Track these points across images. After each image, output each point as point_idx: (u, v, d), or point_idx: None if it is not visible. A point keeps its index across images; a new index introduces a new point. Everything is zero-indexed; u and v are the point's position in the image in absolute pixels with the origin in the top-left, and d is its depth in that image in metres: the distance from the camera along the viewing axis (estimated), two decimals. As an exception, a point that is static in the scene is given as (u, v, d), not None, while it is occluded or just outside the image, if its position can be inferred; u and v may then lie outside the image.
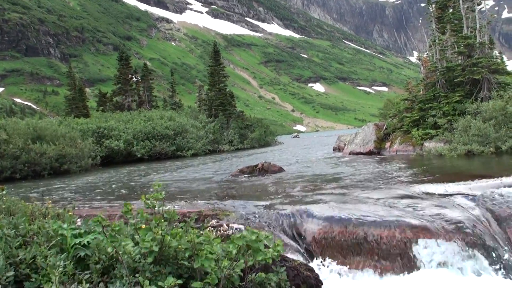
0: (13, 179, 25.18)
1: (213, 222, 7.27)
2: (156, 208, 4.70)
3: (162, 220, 4.35)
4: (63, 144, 28.68)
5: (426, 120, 20.61)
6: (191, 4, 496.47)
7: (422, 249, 6.29)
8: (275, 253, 4.36)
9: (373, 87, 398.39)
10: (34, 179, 25.12)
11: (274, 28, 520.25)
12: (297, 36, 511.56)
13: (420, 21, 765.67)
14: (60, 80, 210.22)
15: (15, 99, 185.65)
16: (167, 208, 4.85)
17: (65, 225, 4.51)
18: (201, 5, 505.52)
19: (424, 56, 25.76)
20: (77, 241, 4.24)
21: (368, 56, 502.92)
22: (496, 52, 25.78)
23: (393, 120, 24.24)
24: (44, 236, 4.45)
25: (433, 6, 26.75)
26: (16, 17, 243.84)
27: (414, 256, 6.24)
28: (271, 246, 4.39)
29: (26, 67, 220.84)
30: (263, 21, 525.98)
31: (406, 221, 6.80)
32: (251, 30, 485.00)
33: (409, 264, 6.18)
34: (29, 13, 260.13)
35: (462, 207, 7.66)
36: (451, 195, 8.50)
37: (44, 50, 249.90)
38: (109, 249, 4.10)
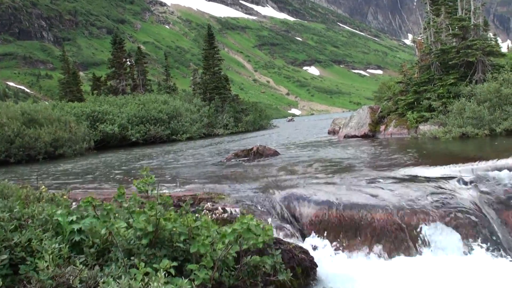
0: (7, 163, 25.13)
1: (208, 205, 7.29)
2: (149, 192, 4.70)
3: (157, 204, 4.35)
4: (57, 128, 28.59)
5: (421, 103, 20.60)
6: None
7: (416, 232, 6.34)
8: (266, 237, 4.39)
9: (368, 70, 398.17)
10: (28, 163, 25.07)
11: (269, 11, 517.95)
12: (291, 19, 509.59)
13: (415, 3, 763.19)
14: (53, 64, 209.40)
15: (8, 83, 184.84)
16: (161, 192, 4.85)
17: (59, 211, 4.51)
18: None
19: (419, 38, 25.67)
20: (73, 226, 4.25)
21: (363, 39, 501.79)
22: (490, 34, 25.72)
23: (387, 103, 24.22)
24: (39, 220, 4.46)
25: (428, -12, 26.62)
26: (8, 0, 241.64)
27: (409, 239, 6.29)
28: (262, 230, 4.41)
29: (19, 51, 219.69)
30: (257, 3, 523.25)
31: (401, 204, 6.84)
32: (246, 13, 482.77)
33: (403, 246, 6.23)
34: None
35: (456, 190, 7.71)
36: (445, 178, 8.53)
37: (37, 34, 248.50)
38: (103, 231, 4.12)
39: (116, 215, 4.55)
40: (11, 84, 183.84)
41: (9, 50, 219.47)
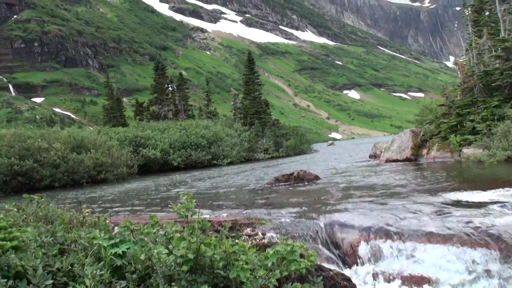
0: (52, 187, 25.68)
1: (248, 230, 7.25)
2: (189, 217, 4.70)
3: (196, 229, 4.34)
4: (101, 153, 29.15)
5: (464, 125, 20.21)
6: (226, 14, 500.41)
7: (461, 258, 6.13)
8: (309, 263, 4.31)
9: (409, 93, 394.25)
10: (72, 188, 25.57)
11: (308, 35, 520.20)
12: (331, 43, 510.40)
13: (456, 25, 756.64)
14: (98, 90, 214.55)
15: (55, 109, 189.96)
16: (201, 217, 4.84)
17: (101, 234, 4.55)
18: (235, 14, 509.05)
19: (461, 60, 25.30)
20: (114, 250, 4.27)
21: (404, 62, 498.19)
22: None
23: (430, 127, 23.85)
24: (82, 244, 4.50)
25: (469, 9, 26.33)
26: (55, 29, 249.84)
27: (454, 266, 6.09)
28: (305, 255, 4.34)
29: (65, 78, 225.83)
30: (297, 28, 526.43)
31: (446, 232, 6.65)
32: (285, 38, 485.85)
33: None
34: (68, 25, 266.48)
35: (501, 215, 7.46)
36: (492, 203, 8.29)
37: (83, 61, 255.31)
38: (142, 257, 4.12)
39: (157, 240, 4.56)
40: (57, 110, 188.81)
41: (56, 77, 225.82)
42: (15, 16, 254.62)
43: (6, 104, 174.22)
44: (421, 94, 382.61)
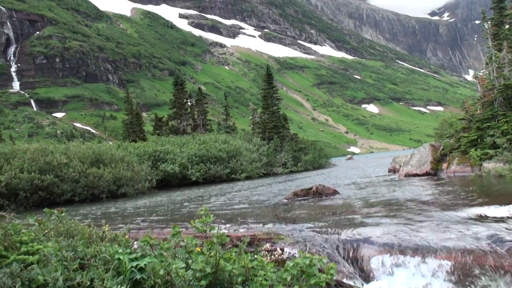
0: (72, 202, 25.87)
1: (267, 246, 7.24)
2: (207, 232, 4.71)
3: (215, 244, 4.35)
4: (120, 167, 29.35)
5: (484, 139, 20.01)
6: (244, 29, 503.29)
7: (486, 275, 6.05)
8: (329, 277, 4.29)
9: (428, 107, 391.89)
10: (92, 202, 25.74)
11: (327, 50, 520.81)
12: (349, 57, 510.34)
13: (475, 39, 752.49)
14: (118, 105, 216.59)
15: (75, 123, 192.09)
16: (220, 232, 4.85)
17: (121, 249, 4.58)
18: (254, 29, 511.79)
19: (481, 74, 25.09)
20: (134, 264, 4.30)
21: (422, 76, 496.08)
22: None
23: (450, 141, 23.66)
24: (102, 259, 4.54)
25: (489, 23, 26.14)
26: (76, 45, 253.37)
27: (478, 284, 6.01)
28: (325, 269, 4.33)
29: (86, 93, 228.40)
30: (315, 43, 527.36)
31: (468, 247, 6.57)
32: (304, 53, 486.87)
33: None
34: (88, 41, 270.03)
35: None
36: (513, 218, 8.18)
37: (103, 76, 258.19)
38: (161, 271, 4.14)
39: (176, 255, 4.58)
40: (78, 125, 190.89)
41: (77, 92, 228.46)
42: (37, 33, 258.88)
43: (28, 119, 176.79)
44: (440, 108, 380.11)
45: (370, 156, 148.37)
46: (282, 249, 7.09)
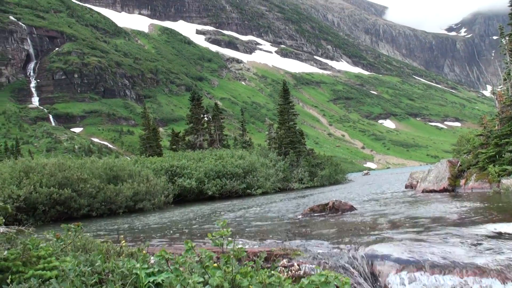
0: (89, 217, 26.01)
1: (284, 261, 7.22)
2: (224, 246, 4.72)
3: (232, 258, 4.36)
4: (137, 182, 29.50)
5: (503, 156, 19.81)
6: (261, 44, 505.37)
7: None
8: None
9: (445, 123, 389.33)
10: (109, 217, 25.85)
11: (343, 65, 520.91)
12: (366, 72, 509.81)
13: (493, 54, 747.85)
14: (135, 120, 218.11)
15: (93, 138, 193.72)
16: (237, 246, 4.85)
17: (138, 264, 4.60)
18: (270, 45, 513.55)
19: (499, 90, 24.92)
20: (151, 279, 4.32)
21: (440, 91, 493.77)
22: None
23: (467, 157, 23.46)
24: (120, 274, 4.56)
25: (506, 38, 26.00)
26: (95, 61, 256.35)
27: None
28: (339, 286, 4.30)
29: (103, 108, 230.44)
30: (331, 59, 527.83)
31: (488, 264, 6.50)
32: (320, 68, 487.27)
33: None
34: (107, 56, 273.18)
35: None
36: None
37: (121, 92, 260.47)
38: (178, 287, 4.15)
39: (193, 270, 4.59)
40: (95, 140, 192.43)
41: (95, 107, 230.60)
42: (56, 49, 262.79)
43: (46, 134, 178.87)
44: (458, 124, 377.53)
45: (387, 171, 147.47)
46: (299, 265, 7.07)
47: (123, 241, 7.21)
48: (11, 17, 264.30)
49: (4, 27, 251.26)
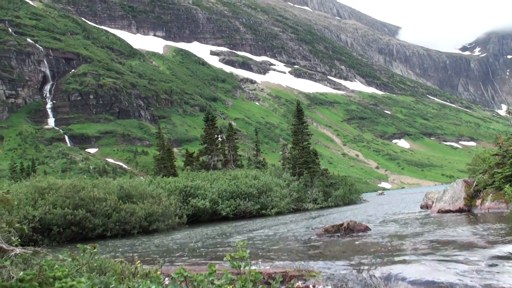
0: (104, 237, 26.08)
1: (299, 283, 7.17)
2: (241, 268, 4.70)
3: (248, 281, 4.35)
4: (151, 202, 29.57)
5: (520, 176, 19.62)
6: (274, 65, 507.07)
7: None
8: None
9: (460, 142, 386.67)
10: (124, 237, 25.91)
11: (357, 85, 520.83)
12: (380, 92, 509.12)
13: (508, 73, 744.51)
14: (149, 140, 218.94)
15: (107, 159, 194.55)
16: (252, 268, 4.84)
17: (153, 285, 4.60)
18: (284, 65, 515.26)
19: (514, 109, 24.77)
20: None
21: (454, 111, 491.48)
22: None
23: (483, 176, 23.23)
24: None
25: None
26: (110, 82, 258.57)
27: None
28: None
29: (118, 129, 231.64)
30: (345, 79, 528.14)
31: (506, 286, 6.42)
32: (334, 88, 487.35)
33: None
34: (122, 78, 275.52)
35: None
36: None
37: (135, 112, 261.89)
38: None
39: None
40: (110, 160, 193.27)
41: (110, 128, 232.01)
42: (72, 70, 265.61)
43: (61, 155, 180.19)
44: (473, 143, 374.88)
45: (401, 191, 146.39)
46: (314, 286, 7.02)
47: (138, 261, 7.22)
48: (28, 39, 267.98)
49: (21, 49, 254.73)
